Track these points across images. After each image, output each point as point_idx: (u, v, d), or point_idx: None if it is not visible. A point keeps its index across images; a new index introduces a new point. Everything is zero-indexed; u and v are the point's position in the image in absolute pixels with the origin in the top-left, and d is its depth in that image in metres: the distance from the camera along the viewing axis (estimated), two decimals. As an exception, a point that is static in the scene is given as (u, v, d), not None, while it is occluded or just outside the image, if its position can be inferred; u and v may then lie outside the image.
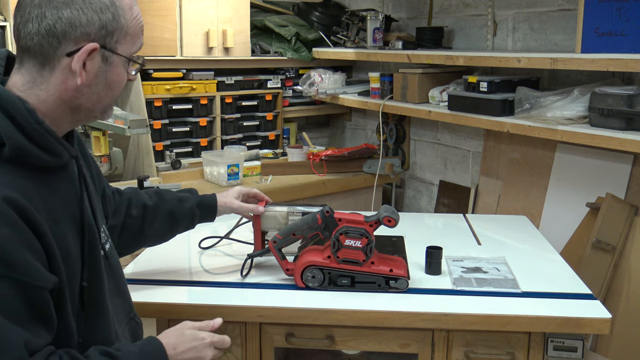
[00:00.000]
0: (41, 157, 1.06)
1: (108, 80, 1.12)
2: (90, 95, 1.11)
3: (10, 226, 0.98)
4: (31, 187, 1.04)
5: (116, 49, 1.11)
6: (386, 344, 1.55)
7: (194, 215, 1.64)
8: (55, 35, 1.05)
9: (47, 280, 1.02)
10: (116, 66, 1.12)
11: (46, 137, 1.06)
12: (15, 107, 1.03)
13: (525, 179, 2.70)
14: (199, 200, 1.67)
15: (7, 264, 0.97)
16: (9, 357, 0.95)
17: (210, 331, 1.30)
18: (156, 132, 3.02)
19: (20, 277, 0.98)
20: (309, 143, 3.46)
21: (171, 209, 1.61)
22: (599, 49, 2.16)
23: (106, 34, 1.08)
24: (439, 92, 2.87)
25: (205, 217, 1.68)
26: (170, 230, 1.63)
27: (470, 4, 2.99)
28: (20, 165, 1.04)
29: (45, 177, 1.09)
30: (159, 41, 2.94)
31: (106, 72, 1.11)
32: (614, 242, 2.25)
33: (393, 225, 1.56)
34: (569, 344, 1.51)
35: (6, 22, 2.61)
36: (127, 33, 1.12)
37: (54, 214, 1.08)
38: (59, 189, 1.12)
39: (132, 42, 1.13)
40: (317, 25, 3.55)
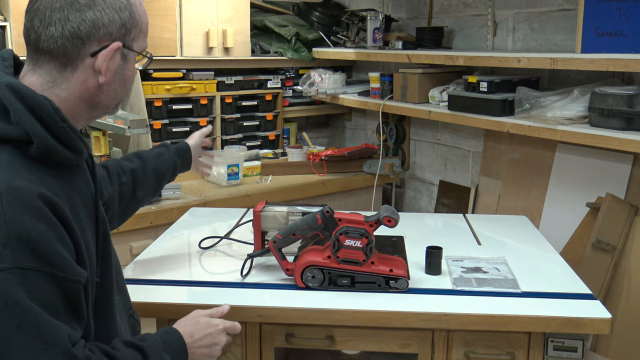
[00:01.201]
0: (66, 154, 1.08)
1: (124, 77, 1.16)
2: (109, 92, 1.15)
3: (46, 223, 0.99)
4: (56, 185, 1.06)
5: (132, 46, 1.15)
6: (386, 344, 1.55)
7: (175, 164, 1.76)
8: (80, 37, 1.08)
9: (80, 275, 1.04)
10: (131, 62, 1.17)
11: (71, 135, 1.08)
12: (42, 106, 1.04)
13: (525, 179, 2.70)
14: (175, 150, 1.78)
15: (46, 259, 0.98)
16: (57, 350, 0.97)
17: (219, 317, 1.36)
18: (156, 132, 3.02)
19: (58, 273, 0.99)
20: (309, 143, 3.46)
21: (154, 165, 1.70)
22: (599, 49, 2.16)
23: (126, 32, 1.12)
24: (439, 92, 2.87)
25: (184, 164, 1.81)
26: (159, 184, 1.74)
27: (470, 4, 2.99)
28: (44, 163, 1.06)
29: (66, 174, 1.11)
30: (159, 41, 2.94)
31: (124, 68, 1.15)
32: (614, 242, 2.25)
33: (393, 225, 1.56)
34: (569, 344, 1.51)
35: (6, 22, 2.61)
36: (141, 29, 1.16)
37: (76, 210, 1.10)
38: (78, 186, 1.15)
39: (144, 38, 1.18)
40: (317, 25, 3.55)
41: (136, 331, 1.38)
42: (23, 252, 0.96)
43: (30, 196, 0.98)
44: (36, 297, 0.96)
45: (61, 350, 0.97)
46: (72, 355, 0.98)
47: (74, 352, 0.99)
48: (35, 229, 0.97)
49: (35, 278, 0.97)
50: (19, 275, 0.95)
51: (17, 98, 1.03)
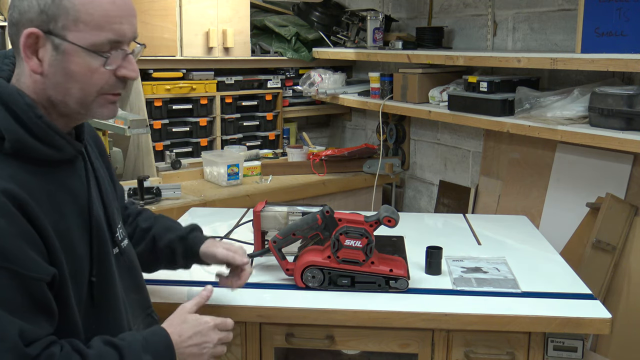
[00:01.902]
0: (42, 150, 1.06)
1: (67, 71, 1.06)
2: (54, 86, 1.07)
3: (8, 218, 0.98)
4: (34, 181, 1.04)
5: (65, 36, 1.04)
6: (386, 344, 1.55)
7: (173, 248, 1.48)
8: (14, 24, 1.07)
9: (44, 272, 1.02)
10: (72, 55, 1.05)
11: (46, 131, 1.06)
12: (15, 101, 1.04)
13: (525, 179, 2.70)
14: (185, 234, 1.50)
15: (4, 254, 0.97)
16: (5, 346, 0.96)
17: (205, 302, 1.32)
18: (156, 132, 3.02)
19: (16, 268, 0.98)
20: (309, 143, 3.46)
21: (155, 234, 1.50)
22: (599, 49, 2.16)
23: (48, 19, 1.04)
24: (439, 92, 2.87)
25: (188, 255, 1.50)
26: (150, 256, 1.49)
27: (470, 4, 2.99)
28: (24, 159, 1.05)
29: (52, 171, 1.09)
30: (159, 41, 2.94)
31: (61, 61, 1.06)
32: (614, 242, 2.25)
33: (393, 225, 1.56)
34: (569, 344, 1.51)
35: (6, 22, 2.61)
36: (78, 19, 1.04)
37: (59, 208, 1.08)
38: (67, 184, 1.12)
39: (90, 31, 1.05)
40: (317, 25, 3.55)
41: None
42: None
43: None
44: None
45: (9, 347, 0.96)
46: (21, 352, 0.97)
47: (25, 349, 0.98)
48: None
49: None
50: None
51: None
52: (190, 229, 1.53)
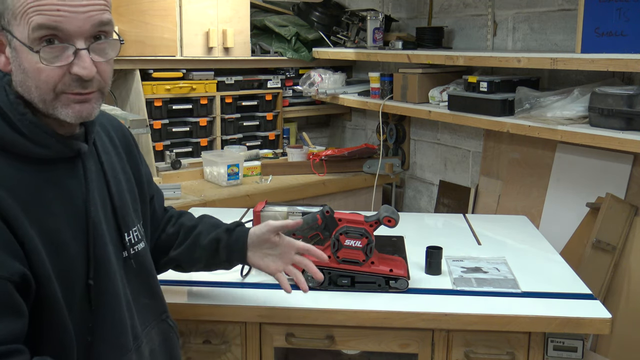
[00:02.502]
0: (28, 147, 1.04)
1: (22, 68, 1.03)
2: (20, 84, 1.05)
3: None
4: (20, 177, 1.02)
5: (12, 32, 1.01)
6: (386, 344, 1.55)
7: (219, 240, 1.44)
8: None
9: (11, 270, 0.97)
10: (20, 52, 1.02)
11: (31, 128, 1.04)
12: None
13: (525, 179, 2.70)
14: (233, 226, 1.47)
15: None
16: None
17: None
18: (156, 132, 3.02)
19: None
20: (309, 143, 3.46)
21: (201, 231, 1.46)
22: (599, 49, 2.16)
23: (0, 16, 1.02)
24: (439, 92, 2.87)
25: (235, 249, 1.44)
26: (194, 252, 1.46)
27: (470, 4, 2.99)
28: (13, 155, 1.03)
29: (46, 169, 1.07)
30: (159, 41, 2.93)
31: (16, 58, 1.03)
32: (614, 242, 2.24)
33: (393, 225, 1.56)
34: (569, 344, 1.51)
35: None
36: (15, 12, 1.00)
37: (47, 205, 1.05)
38: (63, 182, 1.09)
39: (24, 24, 1.00)
40: (317, 25, 3.55)
41: (169, 336, 1.33)
42: None
43: None
44: None
45: None
46: None
47: None
48: None
49: None
50: None
51: None
52: (237, 223, 1.49)
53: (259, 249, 1.46)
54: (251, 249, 1.45)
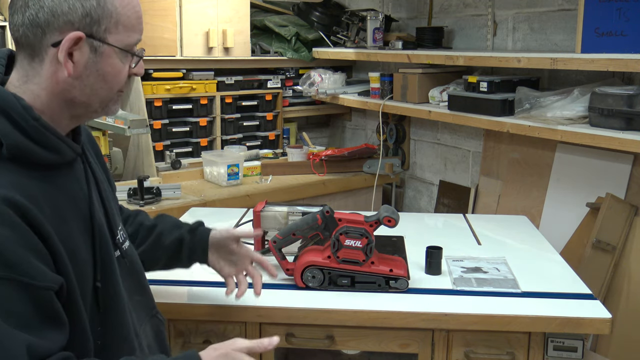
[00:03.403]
0: (41, 154, 1.03)
1: (100, 72, 1.07)
2: (82, 87, 1.06)
3: (10, 227, 0.94)
4: (35, 186, 1.01)
5: (106, 39, 1.05)
6: (386, 344, 1.55)
7: (182, 240, 1.46)
8: (39, 25, 1.02)
9: (51, 280, 0.98)
10: (108, 57, 1.06)
11: (44, 134, 1.03)
12: (11, 104, 1.01)
13: (525, 179, 2.70)
14: (194, 227, 1.49)
15: (8, 265, 0.93)
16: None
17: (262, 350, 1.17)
18: (156, 132, 3.02)
19: (22, 279, 0.94)
20: (309, 143, 3.46)
21: (162, 230, 1.47)
22: (599, 49, 2.16)
23: (92, 22, 1.03)
24: (439, 92, 2.87)
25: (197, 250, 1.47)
26: (156, 251, 1.46)
27: (470, 4, 2.99)
28: (22, 164, 1.02)
29: (51, 174, 1.06)
30: (159, 41, 2.94)
31: (97, 63, 1.06)
32: (614, 242, 2.24)
33: (393, 225, 1.56)
34: (569, 344, 1.51)
35: (6, 22, 2.61)
36: (119, 22, 1.06)
37: (60, 212, 1.05)
38: (66, 187, 1.09)
39: (125, 32, 1.07)
40: (317, 25, 3.55)
41: (160, 331, 1.34)
42: None
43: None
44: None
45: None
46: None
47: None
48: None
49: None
50: None
51: None
52: (199, 223, 1.51)
53: (218, 252, 1.49)
54: (210, 251, 1.48)
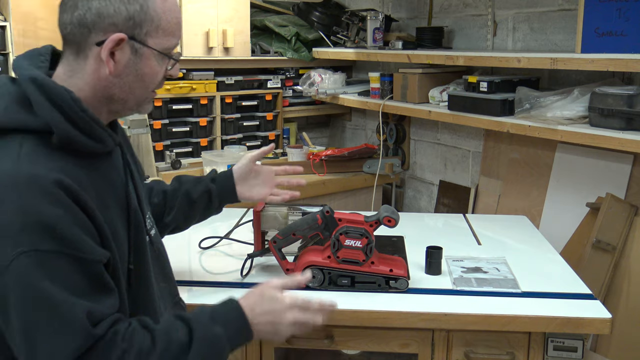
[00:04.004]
0: (87, 143, 1.11)
1: (139, 72, 1.15)
2: (121, 85, 1.15)
3: (63, 207, 1.02)
4: (81, 173, 1.09)
5: (146, 42, 1.13)
6: (386, 344, 1.55)
7: (208, 191, 1.60)
8: (86, 25, 1.10)
9: (100, 254, 1.07)
10: (147, 59, 1.14)
11: (91, 125, 1.11)
12: (62, 96, 1.08)
13: (525, 179, 2.70)
14: (211, 176, 1.64)
15: (63, 241, 1.01)
16: (74, 329, 0.99)
17: (296, 287, 1.24)
18: (156, 132, 3.02)
19: (76, 253, 1.02)
20: (309, 143, 3.46)
21: (186, 190, 1.60)
22: (599, 49, 2.16)
23: (134, 25, 1.11)
24: (439, 92, 2.87)
25: (225, 193, 1.63)
26: (190, 210, 1.60)
27: (470, 4, 2.99)
28: (69, 152, 1.09)
29: (94, 163, 1.14)
30: (159, 41, 2.93)
31: (136, 63, 1.14)
32: (614, 242, 2.24)
33: (393, 225, 1.56)
34: (569, 344, 1.51)
35: (6, 22, 2.61)
36: (159, 26, 1.14)
37: (102, 197, 1.13)
38: (107, 175, 1.17)
39: (164, 37, 1.15)
40: (317, 25, 3.55)
41: None
42: (41, 235, 0.99)
43: (47, 183, 1.02)
44: (55, 278, 1.00)
45: (78, 328, 1.00)
46: (89, 332, 1.01)
47: (92, 330, 1.01)
48: (52, 214, 1.01)
49: (53, 260, 1.00)
50: (38, 257, 0.99)
51: (39, 90, 1.08)
52: (214, 171, 1.66)
53: (246, 182, 1.65)
54: (238, 185, 1.63)
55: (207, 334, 1.11)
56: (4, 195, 1.01)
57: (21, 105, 1.09)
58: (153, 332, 1.08)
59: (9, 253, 0.99)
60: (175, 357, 1.07)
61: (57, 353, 0.99)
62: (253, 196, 1.65)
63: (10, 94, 1.10)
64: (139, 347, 1.05)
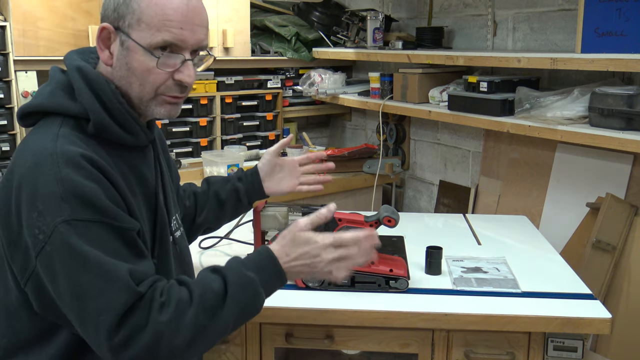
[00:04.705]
0: (120, 134, 1.17)
1: (129, 66, 1.16)
2: (120, 78, 1.18)
3: (96, 181, 1.09)
4: (111, 160, 1.15)
5: (130, 34, 1.15)
6: (386, 344, 1.55)
7: (236, 190, 1.64)
8: (101, 17, 1.19)
9: (133, 223, 1.14)
10: (134, 52, 1.15)
11: (126, 117, 1.17)
12: (102, 86, 1.15)
13: (525, 179, 2.70)
14: (237, 175, 1.68)
15: (99, 211, 1.08)
16: (120, 285, 1.05)
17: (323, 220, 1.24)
18: (156, 132, 3.02)
19: (112, 222, 1.09)
20: (309, 143, 3.46)
21: (215, 190, 1.64)
22: (599, 49, 2.16)
23: (118, 17, 1.15)
24: (439, 92, 2.87)
25: (252, 190, 1.67)
26: (220, 210, 1.65)
27: (470, 4, 2.99)
28: (103, 140, 1.16)
29: (126, 155, 1.20)
30: (159, 41, 2.93)
31: (125, 56, 1.16)
32: (614, 242, 2.25)
33: (393, 225, 1.56)
34: (569, 344, 1.51)
35: (6, 22, 2.61)
36: (141, 20, 1.14)
37: (131, 187, 1.19)
38: (138, 168, 1.23)
39: (148, 31, 1.14)
40: (317, 25, 3.55)
41: None
42: (79, 205, 1.06)
43: (81, 160, 1.09)
44: (96, 243, 1.06)
45: (123, 286, 1.06)
46: (133, 290, 1.06)
47: (136, 287, 1.07)
48: (88, 186, 1.07)
49: (92, 227, 1.07)
50: (78, 225, 1.06)
51: (82, 78, 1.15)
52: (241, 170, 1.70)
53: (272, 176, 1.69)
54: (266, 181, 1.68)
55: (240, 280, 1.14)
56: (43, 168, 1.07)
57: (65, 91, 1.16)
58: (189, 285, 1.13)
59: (50, 222, 1.05)
60: (212, 304, 1.11)
61: (106, 309, 1.04)
62: (282, 189, 1.70)
63: (57, 81, 1.18)
64: (178, 298, 1.09)
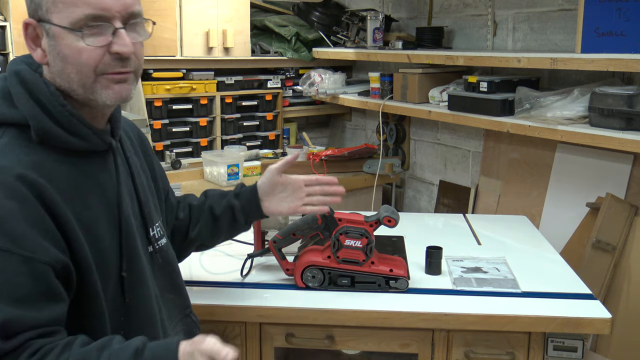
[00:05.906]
0: (67, 139, 1.07)
1: (61, 55, 1.06)
2: (57, 74, 1.08)
3: (19, 201, 0.98)
4: (59, 170, 1.05)
5: (51, 20, 1.05)
6: (386, 344, 1.55)
7: (232, 207, 1.47)
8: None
9: (51, 257, 1.00)
10: (60, 38, 1.05)
11: (70, 119, 1.07)
12: (40, 89, 1.06)
13: (525, 179, 2.70)
14: (238, 190, 1.50)
15: (10, 237, 0.96)
16: None
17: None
18: (156, 132, 3.02)
19: (19, 251, 0.97)
20: (309, 143, 3.46)
21: (211, 204, 1.49)
22: (599, 49, 2.16)
23: (36, 7, 1.06)
24: (439, 92, 2.87)
25: (249, 208, 1.47)
26: (214, 226, 1.48)
27: (470, 4, 2.99)
28: (51, 148, 1.06)
29: (81, 162, 1.10)
30: (159, 41, 2.94)
31: (54, 46, 1.06)
32: (614, 242, 2.24)
33: (393, 225, 1.56)
34: (569, 344, 1.51)
35: (6, 22, 2.61)
36: (56, 2, 1.04)
37: (85, 198, 1.08)
38: (96, 176, 1.12)
39: (66, 8, 1.04)
40: (317, 25, 3.55)
41: (193, 332, 1.33)
42: None
43: (8, 175, 0.99)
44: None
45: None
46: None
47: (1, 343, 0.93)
48: (5, 207, 0.97)
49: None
50: None
51: (19, 83, 1.06)
52: (241, 185, 1.53)
53: (273, 196, 1.49)
54: (265, 200, 1.48)
55: None
56: None
57: (5, 98, 1.07)
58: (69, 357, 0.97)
59: None
60: None
61: None
62: (282, 211, 1.49)
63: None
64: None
